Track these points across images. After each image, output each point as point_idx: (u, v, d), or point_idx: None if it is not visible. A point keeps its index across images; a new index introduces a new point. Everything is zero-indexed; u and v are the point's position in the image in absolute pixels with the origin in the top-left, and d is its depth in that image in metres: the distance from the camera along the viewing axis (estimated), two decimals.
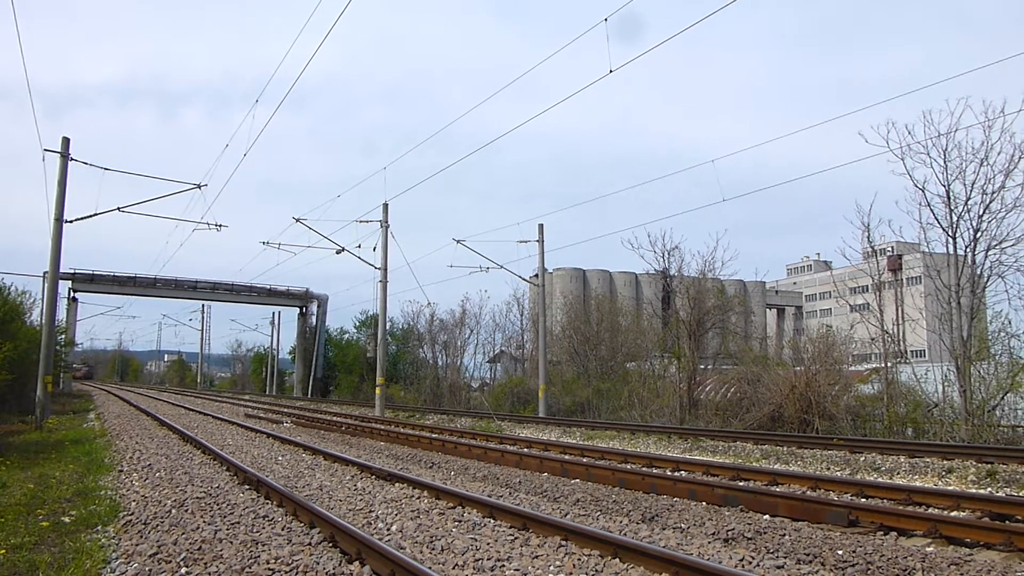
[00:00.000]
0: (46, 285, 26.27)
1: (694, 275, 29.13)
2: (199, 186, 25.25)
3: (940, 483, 11.51)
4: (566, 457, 14.68)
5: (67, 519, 8.41)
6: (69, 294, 63.26)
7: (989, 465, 12.23)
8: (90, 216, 24.83)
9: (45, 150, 23.23)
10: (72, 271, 60.70)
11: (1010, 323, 18.69)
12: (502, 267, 33.87)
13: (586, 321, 39.10)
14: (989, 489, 10.84)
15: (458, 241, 32.18)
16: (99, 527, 7.94)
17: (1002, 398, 17.43)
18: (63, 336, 45.02)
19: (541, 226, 32.58)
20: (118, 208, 25.78)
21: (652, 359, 31.69)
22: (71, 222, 23.76)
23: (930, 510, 8.91)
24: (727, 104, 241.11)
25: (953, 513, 8.67)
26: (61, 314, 50.53)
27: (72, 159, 23.44)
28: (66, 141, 23.38)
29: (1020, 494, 10.28)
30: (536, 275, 35.40)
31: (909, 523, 7.93)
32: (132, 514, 8.54)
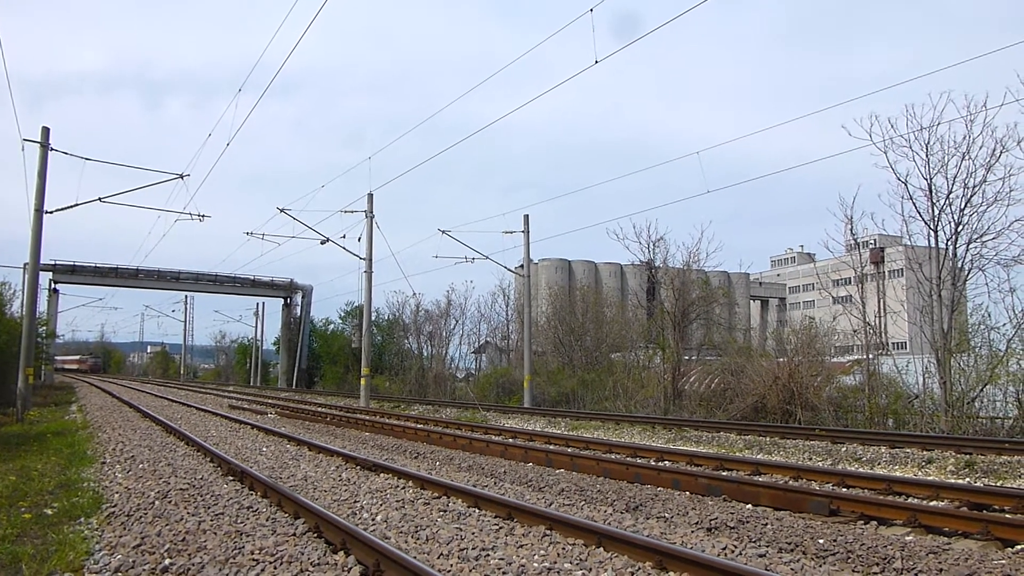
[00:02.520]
0: (26, 276, 25.93)
1: (679, 266, 29.26)
2: (182, 176, 25.01)
3: (920, 473, 11.66)
4: (551, 447, 14.75)
5: (49, 511, 8.35)
6: (50, 285, 62.60)
7: (968, 456, 12.40)
8: (71, 207, 24.53)
9: (24, 140, 22.96)
10: (53, 262, 59.98)
11: (990, 316, 18.89)
12: (488, 258, 33.80)
13: (571, 312, 39.14)
14: (968, 479, 11.00)
15: (443, 231, 32.07)
16: (82, 519, 7.89)
17: (981, 390, 17.65)
18: (44, 328, 44.62)
19: (527, 217, 32.59)
20: (99, 198, 25.53)
21: (637, 350, 31.83)
22: (51, 212, 23.49)
23: (910, 500, 9.03)
24: (713, 96, 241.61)
25: (932, 503, 8.80)
26: (42, 306, 50.09)
27: (52, 149, 23.14)
28: (46, 131, 23.07)
29: (998, 484, 10.45)
30: (521, 266, 35.41)
31: (889, 512, 8.04)
32: (115, 506, 8.49)
